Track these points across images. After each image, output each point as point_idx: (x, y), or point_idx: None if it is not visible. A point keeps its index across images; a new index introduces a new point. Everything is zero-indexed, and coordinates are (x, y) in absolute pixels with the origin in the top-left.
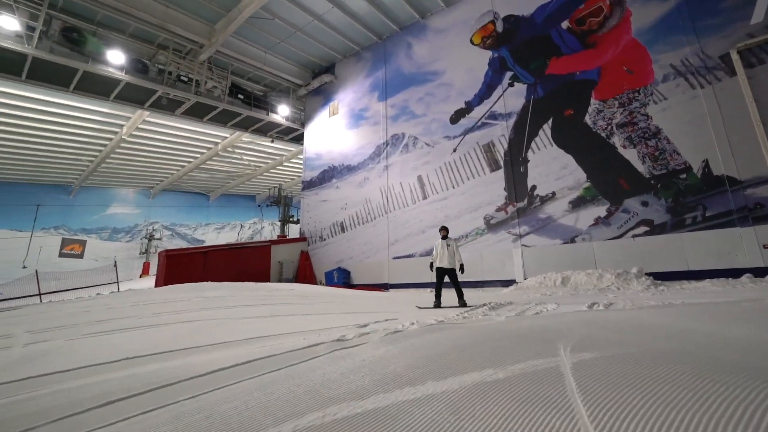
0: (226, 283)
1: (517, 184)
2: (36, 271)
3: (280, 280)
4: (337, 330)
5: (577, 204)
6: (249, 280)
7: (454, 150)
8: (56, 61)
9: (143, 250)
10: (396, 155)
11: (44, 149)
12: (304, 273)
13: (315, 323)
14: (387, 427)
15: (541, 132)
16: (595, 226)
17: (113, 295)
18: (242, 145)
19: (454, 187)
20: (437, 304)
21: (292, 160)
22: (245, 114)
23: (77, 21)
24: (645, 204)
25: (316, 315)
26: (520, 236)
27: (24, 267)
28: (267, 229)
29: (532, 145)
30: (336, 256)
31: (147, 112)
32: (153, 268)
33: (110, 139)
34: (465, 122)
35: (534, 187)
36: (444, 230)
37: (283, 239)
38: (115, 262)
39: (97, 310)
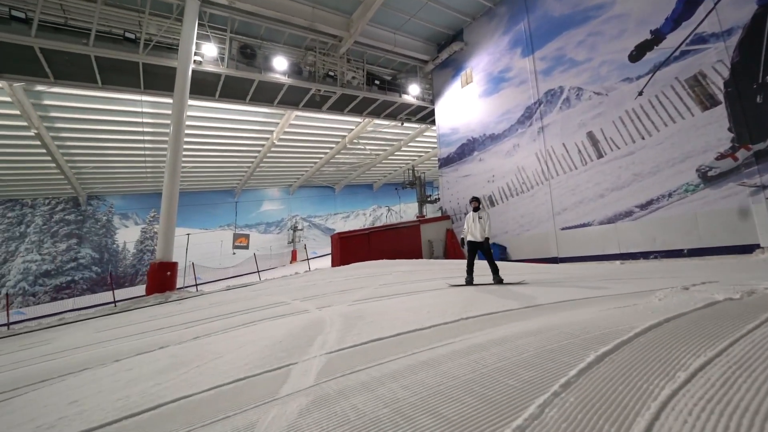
0: (404, 260)
1: (751, 121)
2: (254, 254)
3: (431, 258)
4: None
5: None
6: (404, 258)
7: (640, 93)
8: (241, 76)
9: (290, 240)
10: (553, 113)
11: (216, 160)
12: (453, 250)
13: None
14: None
15: None
16: None
17: (316, 272)
18: (365, 135)
19: (643, 138)
20: (470, 281)
21: (409, 144)
22: (381, 99)
23: (248, 39)
24: None
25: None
26: (764, 187)
27: (233, 253)
28: (385, 214)
29: None
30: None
31: (293, 116)
32: (300, 255)
33: (263, 145)
34: (653, 56)
35: None
36: (476, 201)
37: (428, 218)
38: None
39: (337, 280)
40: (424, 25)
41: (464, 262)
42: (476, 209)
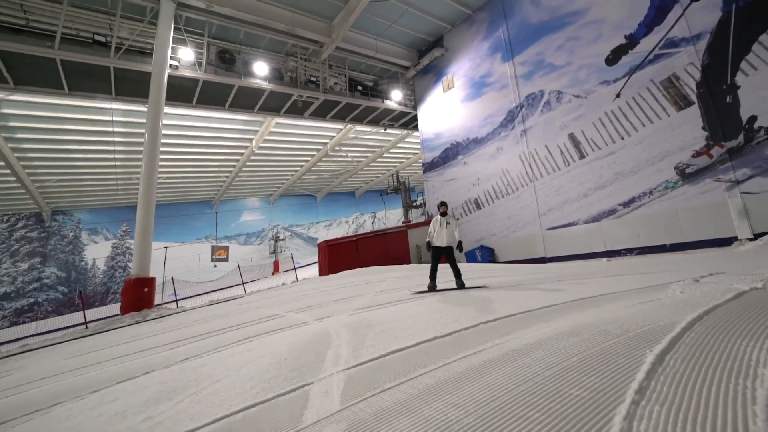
0: (395, 266)
1: (723, 119)
2: (238, 265)
3: (420, 263)
4: None
5: None
6: (393, 264)
7: (618, 95)
8: (220, 81)
9: (272, 251)
10: (535, 116)
11: (193, 170)
12: None
13: None
14: None
15: (756, 46)
16: None
17: (304, 281)
18: (347, 142)
19: (623, 139)
20: (432, 287)
21: (391, 150)
22: (364, 105)
23: (226, 43)
24: None
25: None
26: (737, 182)
27: (215, 266)
28: (368, 221)
29: (742, 65)
30: (474, 234)
31: (273, 123)
32: (282, 266)
33: (242, 153)
34: (628, 60)
35: (754, 119)
36: (443, 206)
37: (415, 224)
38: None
39: (330, 289)
40: (405, 31)
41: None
42: (443, 214)
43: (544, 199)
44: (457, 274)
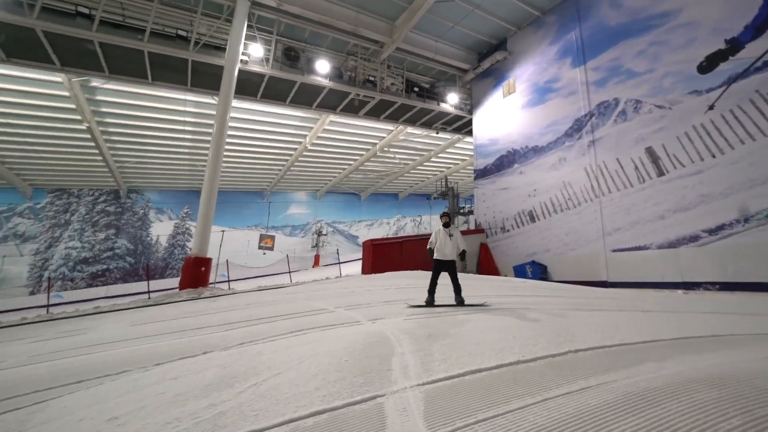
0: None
1: None
2: (287, 255)
3: (464, 272)
4: None
5: None
6: None
7: (711, 107)
8: (284, 77)
9: (314, 245)
10: (606, 126)
11: (249, 161)
12: (487, 266)
13: None
14: None
15: None
16: None
17: (348, 278)
18: (396, 143)
19: (714, 157)
20: (430, 302)
21: (439, 155)
22: (419, 107)
23: (292, 41)
24: None
25: None
26: None
27: (264, 253)
28: (409, 225)
29: None
30: (525, 248)
31: (327, 121)
32: (323, 260)
33: (295, 149)
34: (727, 67)
35: None
36: (446, 217)
37: (462, 231)
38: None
39: (377, 289)
40: (467, 33)
41: (505, 279)
42: (446, 225)
43: (611, 217)
44: (458, 290)
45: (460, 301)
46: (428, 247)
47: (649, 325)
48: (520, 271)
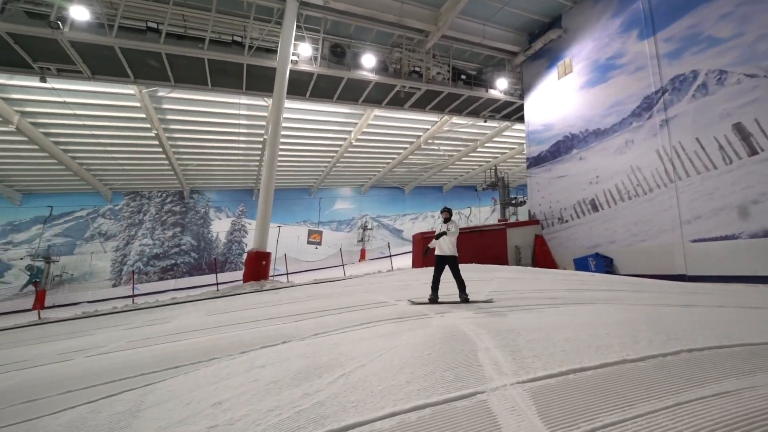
0: (496, 266)
1: None
2: (340, 249)
3: (518, 265)
4: None
5: None
6: (489, 263)
7: None
8: (332, 74)
9: (359, 239)
10: (683, 103)
11: (297, 159)
12: (543, 259)
13: None
14: None
15: None
16: None
17: (400, 271)
18: (440, 135)
19: None
20: (433, 299)
21: (486, 144)
22: (466, 95)
23: (338, 38)
24: None
25: None
26: None
27: (316, 248)
28: (454, 218)
29: None
30: (587, 240)
31: (372, 115)
32: (368, 255)
33: (341, 145)
34: None
35: None
36: (446, 212)
37: (515, 222)
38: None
39: None
40: (517, 13)
41: (570, 272)
42: (446, 220)
43: (689, 204)
44: (461, 286)
45: (464, 299)
46: (428, 246)
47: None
48: (581, 264)
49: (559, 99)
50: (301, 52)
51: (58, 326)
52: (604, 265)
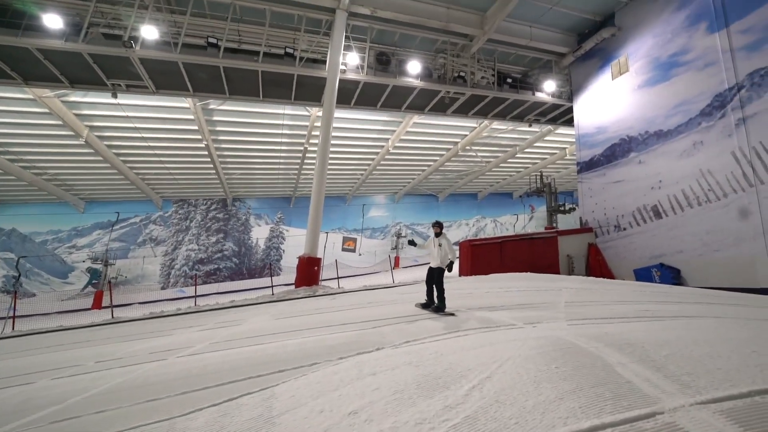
0: (553, 275)
1: None
2: (389, 255)
3: (571, 275)
4: None
5: None
6: (539, 272)
7: None
8: (378, 82)
9: (393, 246)
10: (764, 99)
11: (335, 167)
12: (598, 269)
13: None
14: None
15: None
16: None
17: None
18: (479, 141)
19: None
20: (429, 305)
21: (525, 150)
22: (511, 99)
23: (383, 46)
24: None
25: None
26: None
27: (359, 255)
28: (489, 226)
29: None
30: (649, 249)
31: (411, 122)
32: (402, 262)
33: (378, 153)
34: None
35: None
36: (437, 226)
37: (567, 230)
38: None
39: (495, 291)
40: (566, 13)
41: (633, 283)
42: (438, 234)
43: None
44: (440, 296)
45: (436, 308)
46: (417, 245)
47: None
48: (643, 275)
49: (613, 100)
50: (349, 61)
51: (130, 326)
52: (671, 276)
